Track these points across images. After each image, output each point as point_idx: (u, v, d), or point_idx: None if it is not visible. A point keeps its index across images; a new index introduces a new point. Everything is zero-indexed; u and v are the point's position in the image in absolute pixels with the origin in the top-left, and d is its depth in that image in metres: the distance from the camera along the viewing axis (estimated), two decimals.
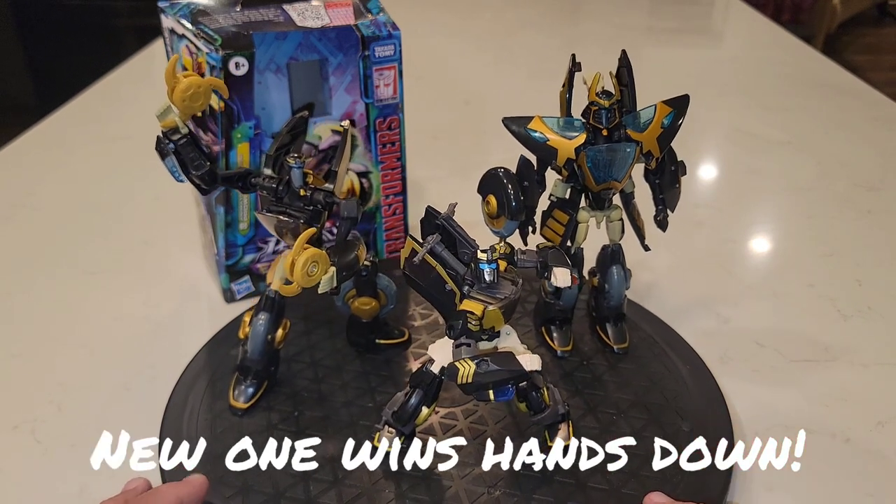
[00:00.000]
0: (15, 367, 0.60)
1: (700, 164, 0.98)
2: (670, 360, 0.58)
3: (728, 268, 0.73)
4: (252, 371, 0.53)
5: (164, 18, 0.62)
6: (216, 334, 0.60)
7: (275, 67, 0.58)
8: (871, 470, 0.51)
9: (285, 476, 0.48)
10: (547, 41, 1.44)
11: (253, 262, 0.66)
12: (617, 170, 0.51)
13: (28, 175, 0.92)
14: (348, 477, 0.47)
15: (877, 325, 0.65)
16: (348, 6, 0.62)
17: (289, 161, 0.50)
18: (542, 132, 0.51)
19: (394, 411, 0.48)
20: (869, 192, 0.87)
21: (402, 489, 0.47)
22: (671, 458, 0.49)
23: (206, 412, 0.53)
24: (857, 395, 0.57)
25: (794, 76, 1.25)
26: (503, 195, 0.49)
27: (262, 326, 0.53)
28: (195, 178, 0.50)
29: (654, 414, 0.53)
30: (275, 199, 0.51)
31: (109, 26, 2.44)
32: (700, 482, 0.47)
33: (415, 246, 0.45)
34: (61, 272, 0.72)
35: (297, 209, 0.51)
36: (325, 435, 0.51)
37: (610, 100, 0.50)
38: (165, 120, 0.49)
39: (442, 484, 0.47)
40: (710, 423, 0.51)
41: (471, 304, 0.43)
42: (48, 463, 0.51)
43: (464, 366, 0.43)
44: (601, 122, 0.50)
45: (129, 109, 1.11)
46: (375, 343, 0.59)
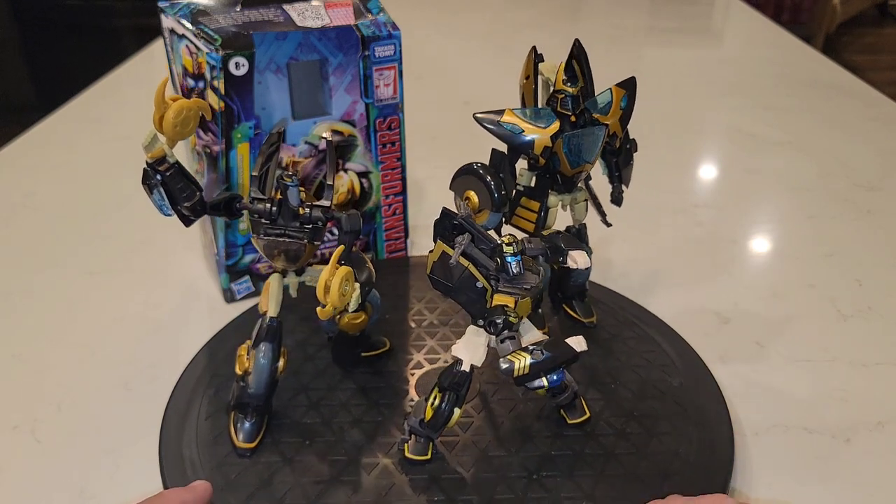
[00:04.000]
0: (15, 367, 0.60)
1: (700, 164, 0.98)
2: (670, 360, 0.58)
3: (728, 268, 0.73)
4: (252, 406, 0.50)
5: (164, 18, 0.62)
6: (216, 334, 0.60)
7: (275, 67, 0.58)
8: (871, 470, 0.51)
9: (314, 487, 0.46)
10: (547, 41, 1.43)
11: (253, 262, 0.66)
12: (589, 153, 0.53)
13: (28, 175, 0.92)
14: (387, 492, 0.46)
15: (877, 324, 0.65)
16: (348, 6, 0.62)
17: (285, 180, 0.47)
18: (516, 123, 0.51)
19: (422, 419, 0.47)
20: (869, 192, 0.87)
21: (449, 492, 0.47)
22: (671, 458, 0.49)
23: (207, 413, 0.53)
24: (857, 395, 0.57)
25: (793, 76, 1.25)
26: (485, 189, 0.50)
27: (266, 359, 0.49)
28: (184, 209, 0.47)
29: (653, 414, 0.53)
30: (269, 222, 0.48)
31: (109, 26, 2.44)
32: (700, 482, 0.47)
33: (446, 249, 0.45)
34: (61, 272, 0.72)
35: (295, 229, 0.48)
36: (347, 457, 0.49)
37: (576, 87, 0.52)
38: (154, 150, 0.45)
39: (483, 482, 0.47)
40: (710, 424, 0.51)
41: (502, 297, 0.44)
42: (48, 463, 0.51)
43: (518, 358, 0.43)
44: (569, 108, 0.51)
45: (129, 109, 1.11)
46: (361, 357, 0.57)
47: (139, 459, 0.50)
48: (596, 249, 0.60)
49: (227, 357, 0.57)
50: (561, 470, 0.48)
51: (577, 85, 0.52)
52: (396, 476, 0.47)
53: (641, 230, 0.79)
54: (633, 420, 0.52)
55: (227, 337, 0.60)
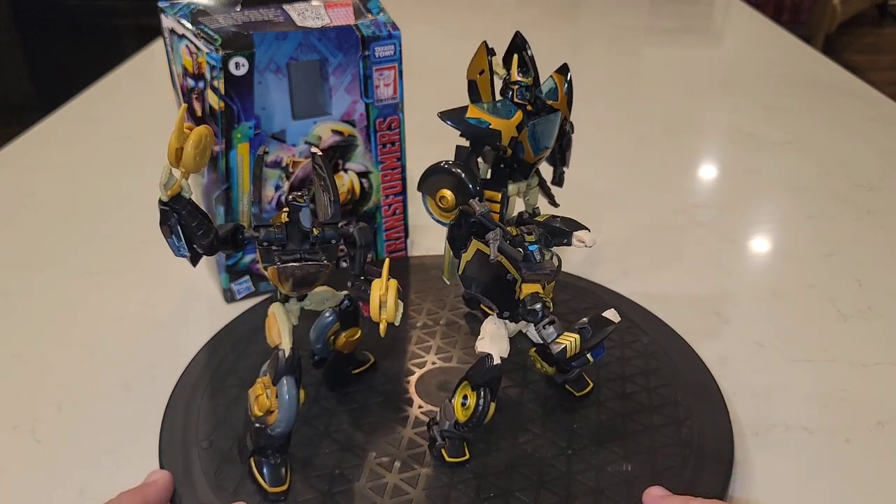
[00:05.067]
0: (15, 367, 0.60)
1: (700, 164, 0.98)
2: (670, 360, 0.58)
3: (728, 268, 0.73)
4: (274, 447, 0.46)
5: (163, 18, 0.62)
6: (216, 334, 0.60)
7: (275, 67, 0.58)
8: (871, 470, 0.51)
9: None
10: (547, 41, 1.44)
11: (253, 262, 0.66)
12: (549, 138, 0.54)
13: (28, 175, 0.92)
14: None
15: (877, 324, 0.65)
16: (348, 6, 0.62)
17: (297, 201, 0.44)
18: (482, 117, 0.51)
19: (455, 421, 0.47)
20: (869, 192, 0.87)
21: (501, 484, 0.47)
22: (671, 458, 0.49)
23: (207, 413, 0.53)
24: (857, 395, 0.57)
25: (793, 76, 1.25)
26: (460, 185, 0.50)
27: (291, 393, 0.45)
28: (200, 248, 0.44)
29: (653, 414, 0.53)
30: (279, 248, 0.45)
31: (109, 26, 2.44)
32: (700, 482, 0.47)
33: (481, 247, 0.45)
34: (61, 272, 0.72)
35: (310, 252, 0.45)
36: (386, 477, 0.48)
37: (529, 77, 0.53)
38: (171, 187, 0.42)
39: (526, 466, 0.48)
40: (710, 423, 0.51)
41: (531, 286, 0.45)
42: (48, 463, 0.51)
43: (569, 339, 0.44)
44: (525, 98, 0.52)
45: (129, 109, 1.11)
46: (352, 375, 0.55)
47: (139, 459, 0.50)
48: (595, 250, 0.60)
49: (227, 357, 0.57)
50: (591, 440, 0.50)
51: (530, 75, 0.53)
52: (443, 482, 0.47)
53: (641, 230, 0.79)
54: (633, 420, 0.52)
55: (226, 337, 0.60)
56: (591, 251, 0.73)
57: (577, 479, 0.47)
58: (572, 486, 0.47)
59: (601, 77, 1.23)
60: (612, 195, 0.87)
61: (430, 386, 0.55)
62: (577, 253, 0.72)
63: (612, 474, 0.48)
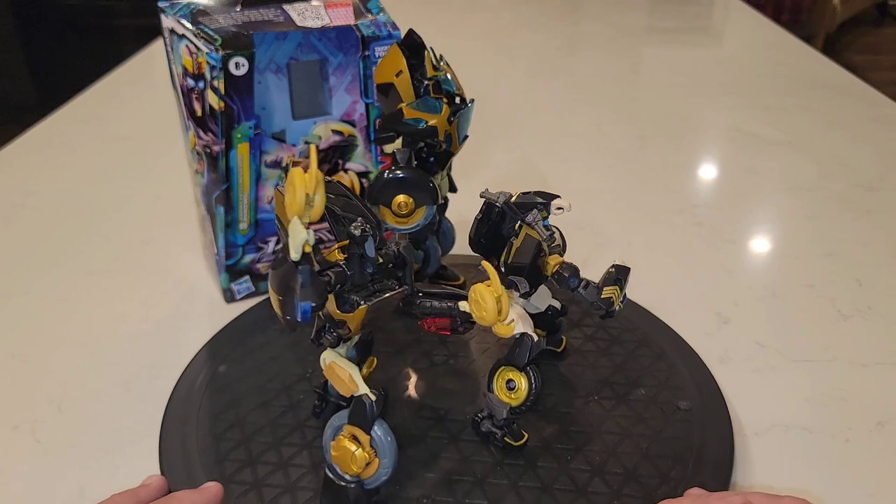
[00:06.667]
0: (15, 366, 0.60)
1: (700, 164, 0.98)
2: (670, 360, 0.58)
3: (728, 268, 0.73)
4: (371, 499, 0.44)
5: (163, 18, 0.62)
6: (216, 334, 0.60)
7: (275, 67, 0.58)
8: (871, 470, 0.51)
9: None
10: (547, 41, 1.44)
11: (253, 262, 0.66)
12: (467, 126, 0.55)
13: (28, 175, 0.92)
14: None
15: (877, 324, 0.65)
16: (348, 6, 0.62)
17: (355, 231, 0.40)
18: (418, 117, 0.52)
19: (508, 408, 0.48)
20: (869, 192, 0.87)
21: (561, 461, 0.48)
22: (671, 458, 0.49)
23: (207, 413, 0.53)
24: (857, 395, 0.57)
25: (793, 76, 1.25)
26: (416, 187, 0.52)
27: (391, 435, 0.43)
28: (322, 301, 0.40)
29: (653, 414, 0.53)
30: (351, 287, 0.41)
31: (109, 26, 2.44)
32: (700, 482, 0.47)
33: (530, 232, 0.47)
34: (61, 272, 0.72)
35: (374, 282, 0.42)
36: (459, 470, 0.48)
37: (441, 71, 0.54)
38: (307, 241, 0.37)
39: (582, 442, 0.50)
40: (710, 423, 0.51)
41: (555, 258, 0.48)
42: (48, 463, 0.51)
43: (613, 293, 0.47)
44: (441, 91, 0.53)
45: (129, 109, 1.11)
46: None
47: (139, 459, 0.50)
48: (596, 250, 0.60)
49: (227, 357, 0.57)
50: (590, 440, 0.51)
51: (440, 70, 0.54)
52: (510, 470, 0.48)
53: (641, 230, 0.79)
54: (633, 420, 0.52)
55: (226, 337, 0.60)
56: (591, 251, 0.73)
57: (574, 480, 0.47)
58: (577, 482, 0.47)
59: (601, 77, 1.23)
60: (612, 195, 0.87)
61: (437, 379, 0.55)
62: (578, 253, 0.72)
63: (611, 475, 0.48)
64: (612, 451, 0.49)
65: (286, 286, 0.37)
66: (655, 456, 0.49)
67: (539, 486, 0.47)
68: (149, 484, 0.45)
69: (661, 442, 0.50)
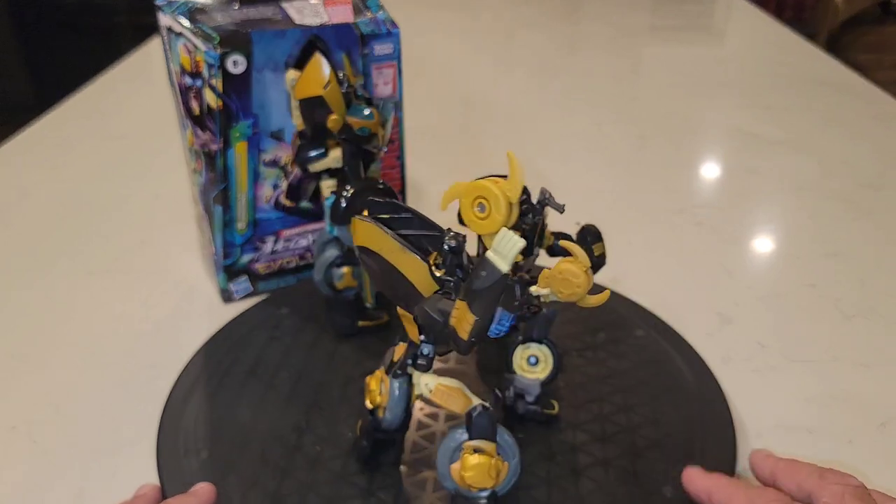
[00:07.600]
0: (13, 367, 0.60)
1: (700, 164, 0.97)
2: (671, 360, 0.57)
3: (729, 268, 0.73)
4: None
5: (161, 16, 0.61)
6: (214, 335, 0.60)
7: (273, 65, 0.58)
8: (874, 472, 0.50)
9: None
10: (547, 41, 1.43)
11: (251, 262, 0.65)
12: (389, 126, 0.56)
13: (25, 174, 0.92)
14: None
15: (879, 324, 0.65)
16: (347, 4, 0.62)
17: (451, 242, 0.39)
18: (363, 126, 0.53)
19: (545, 379, 0.51)
20: (871, 192, 0.86)
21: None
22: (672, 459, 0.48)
23: (205, 413, 0.52)
24: (859, 396, 0.57)
25: (795, 75, 1.25)
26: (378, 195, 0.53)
27: (513, 438, 0.43)
28: None
29: (654, 415, 0.52)
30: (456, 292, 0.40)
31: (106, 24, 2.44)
32: None
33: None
34: (59, 272, 0.72)
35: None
36: None
37: (358, 76, 0.56)
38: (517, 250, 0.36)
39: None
40: (712, 424, 0.51)
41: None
42: (46, 464, 0.51)
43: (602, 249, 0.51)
44: (360, 95, 0.55)
45: (127, 107, 1.11)
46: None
47: (137, 460, 0.50)
48: None
49: (225, 357, 0.57)
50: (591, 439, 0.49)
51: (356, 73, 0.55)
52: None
53: (641, 230, 0.79)
54: (633, 420, 0.52)
55: (225, 337, 0.60)
56: None
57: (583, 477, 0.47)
58: (580, 482, 0.46)
59: (601, 77, 1.23)
60: (612, 195, 0.87)
61: None
62: None
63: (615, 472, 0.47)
64: (612, 453, 0.49)
65: (486, 303, 0.37)
66: (656, 457, 0.49)
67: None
68: (143, 494, 0.45)
69: (663, 442, 0.50)
